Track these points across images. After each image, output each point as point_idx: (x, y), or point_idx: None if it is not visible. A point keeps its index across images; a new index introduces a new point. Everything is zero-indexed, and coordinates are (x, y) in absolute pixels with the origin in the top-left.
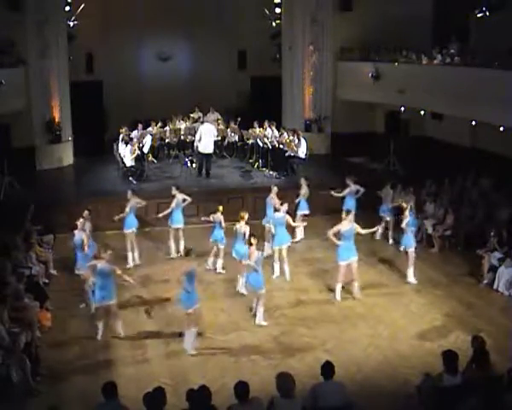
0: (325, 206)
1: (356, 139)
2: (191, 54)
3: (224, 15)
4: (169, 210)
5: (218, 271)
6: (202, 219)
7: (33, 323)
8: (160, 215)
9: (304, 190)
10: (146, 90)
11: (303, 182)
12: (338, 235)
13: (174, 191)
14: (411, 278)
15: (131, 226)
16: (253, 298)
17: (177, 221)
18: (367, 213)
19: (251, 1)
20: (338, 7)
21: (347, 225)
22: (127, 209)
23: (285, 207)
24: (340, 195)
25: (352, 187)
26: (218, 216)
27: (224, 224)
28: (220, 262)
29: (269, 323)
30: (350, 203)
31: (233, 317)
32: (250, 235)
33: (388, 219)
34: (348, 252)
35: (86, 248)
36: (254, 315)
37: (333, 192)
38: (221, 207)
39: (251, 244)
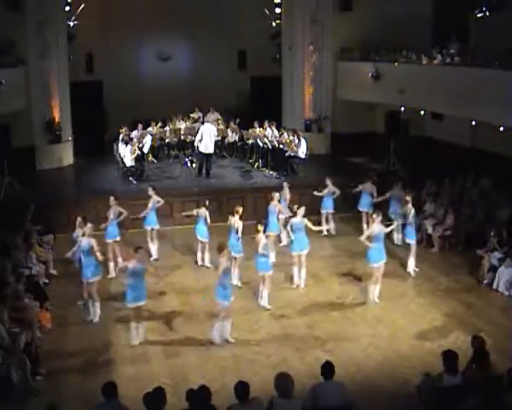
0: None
1: (356, 139)
2: (191, 54)
3: (224, 15)
4: (147, 211)
5: (206, 265)
6: (183, 214)
7: (33, 323)
8: (141, 215)
9: (288, 195)
10: (146, 90)
11: (285, 185)
12: (369, 238)
13: (151, 192)
14: (411, 268)
15: (113, 236)
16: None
17: (153, 222)
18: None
19: (251, 1)
20: (338, 7)
21: (377, 227)
22: (111, 216)
23: (302, 210)
24: (320, 194)
25: (331, 187)
26: (204, 211)
27: (209, 220)
28: (207, 256)
29: (269, 323)
30: (328, 203)
31: (232, 317)
32: (257, 222)
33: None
34: (380, 254)
35: (99, 254)
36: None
37: (315, 192)
38: (207, 202)
39: (258, 231)
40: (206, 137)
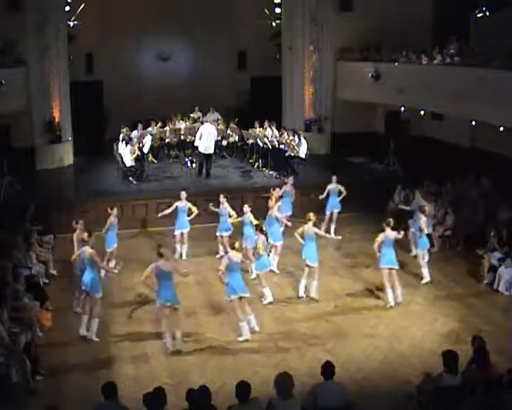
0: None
1: (356, 139)
2: (191, 54)
3: (224, 15)
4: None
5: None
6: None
7: (33, 323)
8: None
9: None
10: (146, 90)
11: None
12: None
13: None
14: None
15: (112, 245)
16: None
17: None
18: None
19: (251, 1)
20: (338, 7)
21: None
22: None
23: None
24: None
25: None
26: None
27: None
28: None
29: (269, 323)
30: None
31: (233, 317)
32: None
33: (336, 211)
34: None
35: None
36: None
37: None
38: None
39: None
40: (206, 137)
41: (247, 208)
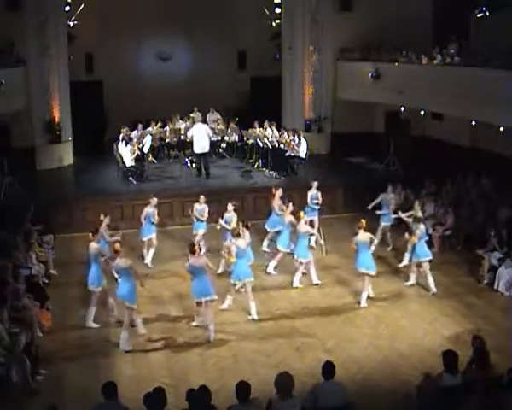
0: None
1: (356, 139)
2: (191, 54)
3: (224, 15)
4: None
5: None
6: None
7: (33, 323)
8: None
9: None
10: (146, 90)
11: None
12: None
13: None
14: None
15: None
16: None
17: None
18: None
19: (251, 1)
20: (338, 7)
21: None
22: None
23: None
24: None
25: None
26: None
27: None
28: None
29: (269, 323)
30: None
31: (233, 317)
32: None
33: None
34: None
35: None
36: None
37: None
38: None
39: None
40: (198, 137)
41: (230, 207)
